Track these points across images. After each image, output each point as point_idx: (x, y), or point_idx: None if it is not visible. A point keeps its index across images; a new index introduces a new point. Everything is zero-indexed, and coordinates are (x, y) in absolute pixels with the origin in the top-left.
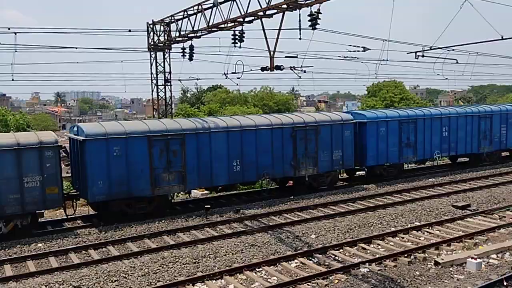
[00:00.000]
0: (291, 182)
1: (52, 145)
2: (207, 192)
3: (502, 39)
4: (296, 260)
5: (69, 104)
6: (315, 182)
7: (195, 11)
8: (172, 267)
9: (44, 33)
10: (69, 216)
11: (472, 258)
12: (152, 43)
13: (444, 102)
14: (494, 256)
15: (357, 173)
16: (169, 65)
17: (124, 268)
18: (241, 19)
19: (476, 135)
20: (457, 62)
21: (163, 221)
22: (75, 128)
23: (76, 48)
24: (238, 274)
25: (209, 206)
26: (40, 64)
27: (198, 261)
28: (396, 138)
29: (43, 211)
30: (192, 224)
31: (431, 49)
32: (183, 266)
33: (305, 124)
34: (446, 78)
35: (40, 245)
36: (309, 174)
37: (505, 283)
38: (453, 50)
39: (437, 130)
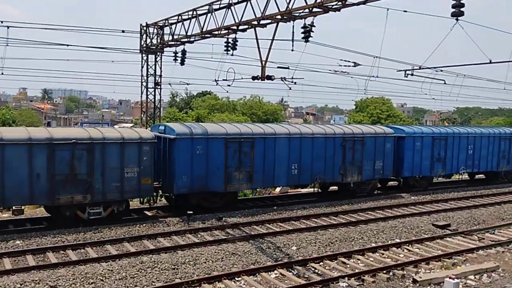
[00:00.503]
0: (336, 187)
1: (150, 141)
2: None
3: (490, 62)
4: (276, 271)
5: (56, 101)
6: (358, 189)
7: (190, 16)
8: (150, 272)
9: (34, 29)
10: (149, 206)
11: (450, 278)
12: (144, 45)
13: (429, 121)
14: (471, 277)
15: (389, 183)
16: (160, 68)
17: (102, 271)
18: (235, 27)
19: (496, 154)
20: (445, 83)
21: (144, 225)
22: (162, 127)
23: (68, 45)
24: (217, 282)
25: (191, 212)
26: (29, 60)
27: (177, 268)
28: (429, 152)
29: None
30: (174, 230)
31: (420, 68)
32: (161, 271)
33: (353, 135)
34: (433, 98)
35: (18, 242)
36: (354, 181)
37: None
38: (442, 70)
39: (464, 147)
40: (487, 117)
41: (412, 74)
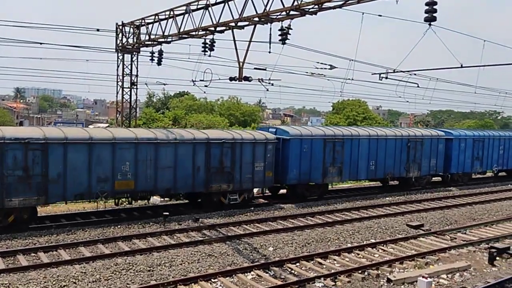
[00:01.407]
0: (396, 181)
1: (272, 141)
2: (167, 199)
3: (461, 67)
4: (252, 272)
5: (29, 100)
6: (417, 182)
7: (167, 16)
8: (125, 274)
9: (6, 26)
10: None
11: (423, 277)
12: (120, 44)
13: (404, 124)
14: (444, 276)
15: (432, 178)
16: (137, 68)
17: (75, 273)
18: (212, 28)
19: None
20: (418, 86)
21: (118, 226)
22: (273, 129)
23: (41, 43)
24: (193, 284)
25: (167, 213)
26: (1, 58)
27: (152, 269)
28: (470, 152)
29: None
30: (149, 231)
31: (394, 72)
32: (136, 273)
33: (416, 137)
34: (407, 101)
35: None
36: (414, 175)
37: None
38: (415, 74)
39: (497, 148)
40: (460, 120)
41: (386, 78)
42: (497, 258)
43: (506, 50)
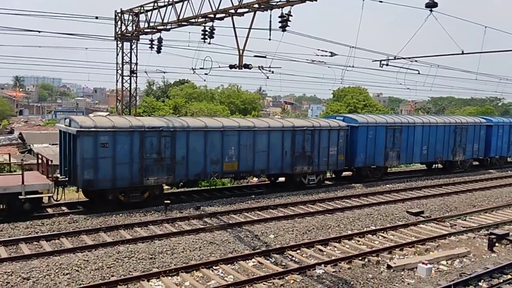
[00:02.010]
0: (440, 165)
1: (344, 128)
2: (168, 187)
3: (463, 53)
4: (253, 259)
5: (28, 89)
6: (461, 165)
7: (166, 3)
8: (127, 262)
9: (5, 14)
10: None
11: (423, 263)
12: (119, 32)
13: (405, 111)
14: (444, 262)
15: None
16: (136, 56)
17: (77, 261)
18: (212, 15)
19: None
20: (419, 73)
21: (120, 214)
22: (340, 118)
23: (39, 31)
24: (194, 271)
25: (169, 201)
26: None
27: (154, 257)
28: (507, 138)
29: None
30: (151, 219)
31: (395, 58)
32: (138, 261)
33: (461, 124)
34: (408, 88)
35: None
36: (460, 159)
37: None
38: (416, 61)
39: None
40: (460, 106)
41: (387, 65)
42: (497, 244)
43: (507, 36)
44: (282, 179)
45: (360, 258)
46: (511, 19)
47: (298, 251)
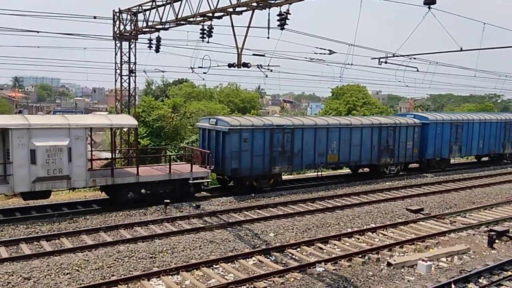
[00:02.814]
0: (486, 158)
1: (418, 125)
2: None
3: (461, 50)
4: (253, 258)
5: (27, 89)
6: (509, 158)
7: (164, 2)
8: (127, 262)
9: (3, 14)
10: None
11: (423, 260)
12: (117, 32)
13: (404, 108)
14: (443, 259)
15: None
16: (135, 55)
17: (77, 261)
18: (210, 14)
19: None
20: (417, 70)
21: (120, 214)
22: (411, 116)
23: (38, 32)
24: (195, 270)
25: (168, 200)
26: None
27: (154, 256)
28: None
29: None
30: (151, 219)
31: (393, 56)
32: (139, 260)
33: (511, 120)
34: (407, 86)
35: None
36: (508, 152)
37: (453, 286)
38: (415, 58)
39: None
40: (459, 103)
41: (386, 62)
42: (497, 241)
43: (506, 33)
44: (356, 170)
45: (360, 255)
46: (510, 15)
47: (298, 249)
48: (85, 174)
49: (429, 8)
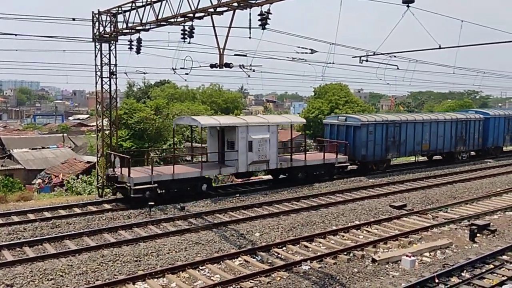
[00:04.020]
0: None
1: (482, 119)
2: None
3: (440, 48)
4: (239, 258)
5: (6, 93)
6: None
7: (144, 3)
8: (112, 266)
9: None
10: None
11: (407, 256)
12: (97, 33)
13: (385, 106)
14: (427, 254)
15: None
16: (115, 57)
17: (61, 267)
18: (191, 15)
19: None
20: (398, 68)
21: (103, 218)
22: (473, 111)
23: (16, 35)
24: (181, 272)
25: (153, 203)
26: None
27: (139, 259)
28: None
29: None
30: (135, 222)
31: (374, 54)
32: (123, 264)
33: None
34: (388, 83)
35: None
36: None
37: (436, 280)
38: (395, 56)
39: None
40: (439, 100)
41: (367, 60)
42: (478, 234)
43: (484, 30)
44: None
45: (345, 253)
46: (486, 13)
47: (284, 248)
48: (276, 159)
49: (408, 6)
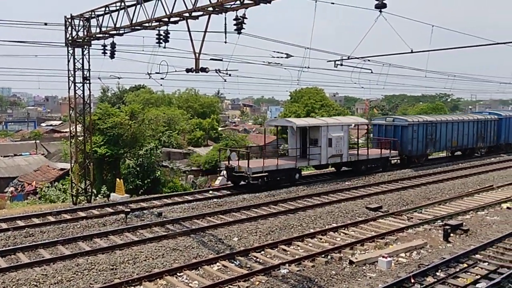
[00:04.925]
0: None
1: (497, 119)
2: (128, 195)
3: (412, 52)
4: (218, 263)
5: None
6: None
7: (118, 7)
8: (87, 274)
9: None
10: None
11: (383, 257)
12: (70, 38)
13: (360, 109)
14: (403, 254)
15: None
16: (88, 62)
17: (35, 276)
18: (166, 19)
19: None
20: (371, 72)
21: (78, 226)
22: (486, 113)
23: None
24: (158, 279)
25: (129, 210)
26: None
27: (116, 268)
28: None
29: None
30: (110, 229)
31: (348, 58)
32: (99, 273)
33: None
34: (362, 87)
35: None
36: None
37: (412, 280)
38: (369, 60)
39: None
40: (413, 104)
41: (341, 65)
42: (451, 234)
43: (454, 34)
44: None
45: (323, 255)
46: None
47: (262, 252)
48: (347, 153)
49: (380, 12)
